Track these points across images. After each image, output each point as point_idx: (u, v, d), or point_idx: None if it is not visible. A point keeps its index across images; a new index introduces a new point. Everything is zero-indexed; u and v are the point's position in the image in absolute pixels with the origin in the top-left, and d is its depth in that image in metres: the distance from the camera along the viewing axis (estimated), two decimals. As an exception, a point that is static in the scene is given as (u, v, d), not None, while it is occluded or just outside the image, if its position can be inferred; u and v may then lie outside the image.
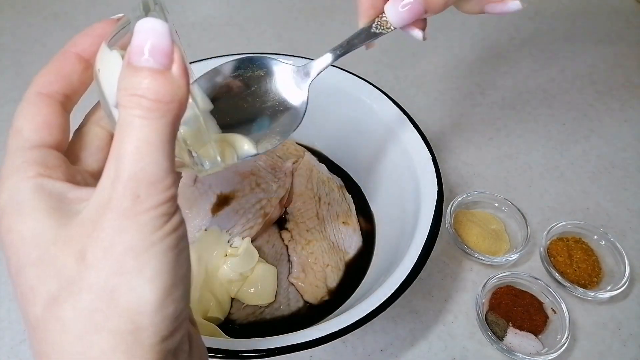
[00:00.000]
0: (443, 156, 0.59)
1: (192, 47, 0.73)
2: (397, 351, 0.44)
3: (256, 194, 0.45)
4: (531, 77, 0.69)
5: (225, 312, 0.42)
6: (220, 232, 0.43)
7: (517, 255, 0.48)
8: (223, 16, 0.78)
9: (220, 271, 0.41)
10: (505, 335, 0.44)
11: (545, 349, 0.43)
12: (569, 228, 0.51)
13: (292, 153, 0.52)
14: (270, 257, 0.44)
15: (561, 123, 0.64)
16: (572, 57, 0.72)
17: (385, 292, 0.35)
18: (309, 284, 0.44)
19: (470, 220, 0.52)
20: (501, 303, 0.46)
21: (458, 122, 0.63)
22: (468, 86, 0.68)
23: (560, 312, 0.44)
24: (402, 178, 0.46)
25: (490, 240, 0.50)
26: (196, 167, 0.26)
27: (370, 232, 0.49)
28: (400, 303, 0.36)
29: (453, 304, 0.47)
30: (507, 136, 0.62)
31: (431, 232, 0.39)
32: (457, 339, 0.45)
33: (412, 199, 0.43)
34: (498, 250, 0.50)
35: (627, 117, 0.64)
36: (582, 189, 0.57)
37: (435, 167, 0.43)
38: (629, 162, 0.59)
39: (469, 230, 0.51)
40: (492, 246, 0.50)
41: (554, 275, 0.48)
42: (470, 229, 0.51)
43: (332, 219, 0.48)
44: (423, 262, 0.37)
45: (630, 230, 0.53)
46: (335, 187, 0.50)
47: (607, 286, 0.47)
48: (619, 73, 0.70)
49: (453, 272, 0.49)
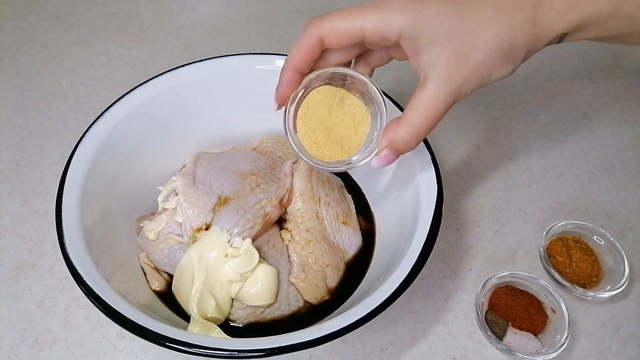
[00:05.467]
0: (443, 156, 0.59)
1: (192, 47, 0.73)
2: (397, 351, 0.44)
3: (256, 194, 0.45)
4: (531, 77, 0.69)
5: (225, 312, 0.42)
6: (221, 232, 0.43)
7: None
8: (223, 16, 0.78)
9: (220, 271, 0.41)
10: (504, 335, 0.44)
11: (545, 348, 0.43)
12: (568, 228, 0.51)
13: (293, 153, 0.52)
14: (270, 257, 0.44)
15: (561, 123, 0.64)
16: (572, 57, 0.72)
17: (385, 292, 0.35)
18: (309, 283, 0.44)
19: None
20: (501, 303, 0.46)
21: (458, 122, 0.63)
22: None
23: (560, 312, 0.44)
24: (402, 178, 0.46)
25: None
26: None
27: (370, 232, 0.50)
28: (400, 303, 0.36)
29: (453, 303, 0.47)
30: (507, 136, 0.62)
31: (431, 232, 0.39)
32: (457, 338, 0.45)
33: (412, 199, 0.43)
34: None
35: (626, 117, 0.64)
36: (582, 189, 0.57)
37: (435, 167, 0.43)
38: (628, 162, 0.60)
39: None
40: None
41: (554, 275, 0.48)
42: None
43: (332, 219, 0.48)
44: (423, 262, 0.37)
45: (630, 230, 0.53)
46: (335, 187, 0.50)
47: (607, 286, 0.47)
48: (618, 73, 0.70)
49: (453, 272, 0.49)
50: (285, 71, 0.37)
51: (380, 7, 0.33)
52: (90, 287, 0.35)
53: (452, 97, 0.34)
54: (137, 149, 0.48)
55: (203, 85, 0.50)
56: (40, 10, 0.78)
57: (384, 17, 0.33)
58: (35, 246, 0.51)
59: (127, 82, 0.67)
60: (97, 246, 0.40)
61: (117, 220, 0.45)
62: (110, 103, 0.47)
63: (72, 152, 0.43)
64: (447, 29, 0.33)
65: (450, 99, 0.34)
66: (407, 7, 0.33)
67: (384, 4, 0.33)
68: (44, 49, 0.72)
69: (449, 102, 0.34)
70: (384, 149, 0.37)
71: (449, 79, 0.34)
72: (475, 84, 0.35)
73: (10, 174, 0.57)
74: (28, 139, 0.61)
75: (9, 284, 0.48)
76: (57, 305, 0.47)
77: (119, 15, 0.78)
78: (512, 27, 0.33)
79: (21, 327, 0.45)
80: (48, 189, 0.56)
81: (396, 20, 0.33)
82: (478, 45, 0.33)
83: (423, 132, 0.36)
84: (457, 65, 0.33)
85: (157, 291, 0.44)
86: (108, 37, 0.75)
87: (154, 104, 0.49)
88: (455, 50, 0.33)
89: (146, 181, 0.49)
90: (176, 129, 0.51)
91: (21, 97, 0.65)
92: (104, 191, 0.44)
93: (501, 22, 0.33)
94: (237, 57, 0.50)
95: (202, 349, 0.32)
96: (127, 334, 0.44)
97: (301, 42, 0.35)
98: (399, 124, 0.35)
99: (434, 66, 0.34)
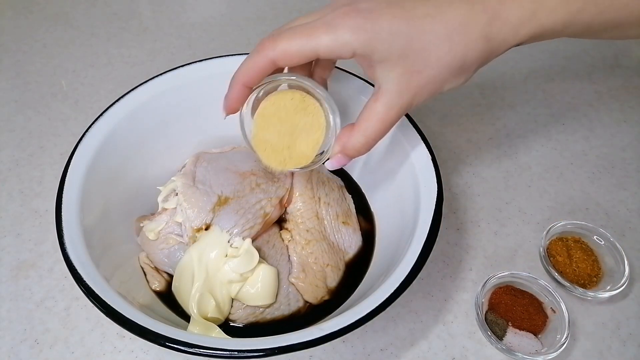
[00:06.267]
0: (443, 156, 0.59)
1: (192, 47, 0.73)
2: (397, 351, 0.44)
3: (256, 194, 0.45)
4: (531, 77, 0.69)
5: (225, 312, 0.42)
6: (221, 232, 0.43)
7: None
8: (223, 16, 0.78)
9: (220, 271, 0.41)
10: (504, 335, 0.44)
11: (545, 348, 0.43)
12: (568, 228, 0.51)
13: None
14: (270, 257, 0.44)
15: (561, 123, 0.64)
16: (572, 57, 0.72)
17: (385, 292, 0.35)
18: (309, 283, 0.44)
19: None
20: (501, 303, 0.46)
21: (458, 122, 0.63)
22: (468, 86, 0.68)
23: (560, 312, 0.44)
24: (402, 178, 0.46)
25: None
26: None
27: (370, 232, 0.50)
28: (400, 303, 0.36)
29: (453, 303, 0.47)
30: (507, 136, 0.62)
31: (431, 232, 0.39)
32: (457, 338, 0.45)
33: (412, 199, 0.43)
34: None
35: (626, 117, 0.64)
36: (582, 189, 0.57)
37: (435, 167, 0.43)
38: (628, 162, 0.60)
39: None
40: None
41: (554, 275, 0.48)
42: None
43: (332, 219, 0.48)
44: (423, 262, 0.37)
45: (630, 230, 0.53)
46: (335, 187, 0.50)
47: (607, 286, 0.47)
48: (618, 73, 0.70)
49: (453, 272, 0.49)
50: (235, 86, 0.37)
51: (332, 26, 0.33)
52: (90, 287, 0.35)
53: (403, 109, 0.36)
54: (137, 149, 0.48)
55: (203, 85, 0.50)
56: (40, 10, 0.78)
57: (337, 37, 0.33)
58: (35, 246, 0.51)
59: (127, 82, 0.67)
60: (97, 246, 0.40)
61: (117, 220, 0.45)
62: (110, 103, 0.47)
63: (72, 152, 0.43)
64: (400, 47, 0.33)
65: (401, 111, 0.36)
66: (360, 27, 0.33)
67: (335, 23, 0.33)
68: (44, 49, 0.72)
69: (399, 115, 0.36)
70: (336, 154, 0.38)
71: (401, 94, 0.35)
72: (427, 96, 0.36)
73: (10, 174, 0.57)
74: (28, 139, 0.61)
75: (9, 284, 0.48)
76: (57, 305, 0.47)
77: (119, 15, 0.78)
78: (465, 44, 0.34)
79: (21, 327, 0.45)
80: (48, 189, 0.56)
81: (350, 40, 0.33)
82: (430, 62, 0.34)
83: (374, 141, 0.38)
84: (409, 81, 0.35)
85: (157, 291, 0.44)
86: (108, 37, 0.75)
87: (154, 104, 0.49)
88: (408, 67, 0.34)
89: (146, 181, 0.49)
90: (176, 129, 0.51)
91: (21, 97, 0.65)
92: (104, 191, 0.44)
93: (453, 40, 0.33)
94: (237, 57, 0.50)
95: (202, 349, 0.32)
96: (127, 334, 0.44)
97: (252, 62, 0.36)
98: (352, 132, 0.37)
99: (387, 80, 0.35)
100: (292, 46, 0.34)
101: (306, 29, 0.34)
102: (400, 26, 0.33)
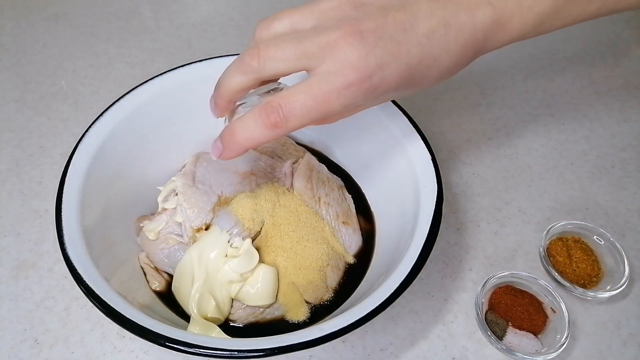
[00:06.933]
0: (443, 156, 0.59)
1: (192, 47, 0.73)
2: (397, 351, 0.44)
3: (256, 194, 0.45)
4: (531, 77, 0.69)
5: (225, 312, 0.42)
6: (221, 232, 0.43)
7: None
8: (223, 16, 0.78)
9: (220, 272, 0.41)
10: (504, 335, 0.44)
11: (545, 348, 0.43)
12: (568, 228, 0.51)
13: (292, 153, 0.52)
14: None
15: (561, 123, 0.64)
16: (572, 57, 0.72)
17: (385, 292, 0.35)
18: (309, 283, 0.44)
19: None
20: (501, 303, 0.46)
21: (458, 122, 0.63)
22: (468, 86, 0.68)
23: (560, 312, 0.44)
24: (402, 178, 0.46)
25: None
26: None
27: (370, 232, 0.50)
28: (400, 303, 0.36)
29: (453, 303, 0.47)
30: (507, 136, 0.62)
31: (431, 232, 0.39)
32: (457, 338, 0.45)
33: (412, 199, 0.43)
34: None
35: (626, 117, 0.64)
36: (582, 189, 0.57)
37: (435, 167, 0.43)
38: (628, 162, 0.60)
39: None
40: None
41: (554, 275, 0.48)
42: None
43: (332, 219, 0.48)
44: (423, 262, 0.37)
45: (630, 230, 0.53)
46: (335, 187, 0.50)
47: (607, 286, 0.47)
48: (618, 73, 0.70)
49: (453, 272, 0.49)
50: (219, 101, 0.36)
51: (331, 50, 0.32)
52: (90, 287, 0.35)
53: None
54: (137, 149, 0.48)
55: (203, 86, 0.50)
56: (40, 10, 0.78)
57: (336, 64, 0.32)
58: (35, 246, 0.51)
59: (127, 82, 0.67)
60: (97, 246, 0.40)
61: (117, 220, 0.45)
62: (110, 103, 0.47)
63: (72, 152, 0.43)
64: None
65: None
66: (363, 58, 0.32)
67: (336, 48, 0.32)
68: (44, 49, 0.72)
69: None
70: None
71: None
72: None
73: (10, 174, 0.57)
74: (28, 139, 0.61)
75: (9, 284, 0.48)
76: (57, 305, 0.47)
77: (119, 15, 0.78)
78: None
79: (21, 327, 0.45)
80: (48, 189, 0.56)
81: (349, 70, 0.32)
82: (431, 80, 0.36)
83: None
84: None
85: (157, 291, 0.44)
86: (108, 37, 0.75)
87: (154, 104, 0.49)
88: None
89: (146, 181, 0.49)
90: (176, 129, 0.51)
91: (21, 97, 0.65)
92: (104, 191, 0.44)
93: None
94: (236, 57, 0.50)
95: (202, 349, 0.32)
96: (127, 334, 0.44)
97: (238, 81, 0.34)
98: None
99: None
100: (281, 69, 0.33)
101: (299, 50, 0.32)
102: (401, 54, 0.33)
